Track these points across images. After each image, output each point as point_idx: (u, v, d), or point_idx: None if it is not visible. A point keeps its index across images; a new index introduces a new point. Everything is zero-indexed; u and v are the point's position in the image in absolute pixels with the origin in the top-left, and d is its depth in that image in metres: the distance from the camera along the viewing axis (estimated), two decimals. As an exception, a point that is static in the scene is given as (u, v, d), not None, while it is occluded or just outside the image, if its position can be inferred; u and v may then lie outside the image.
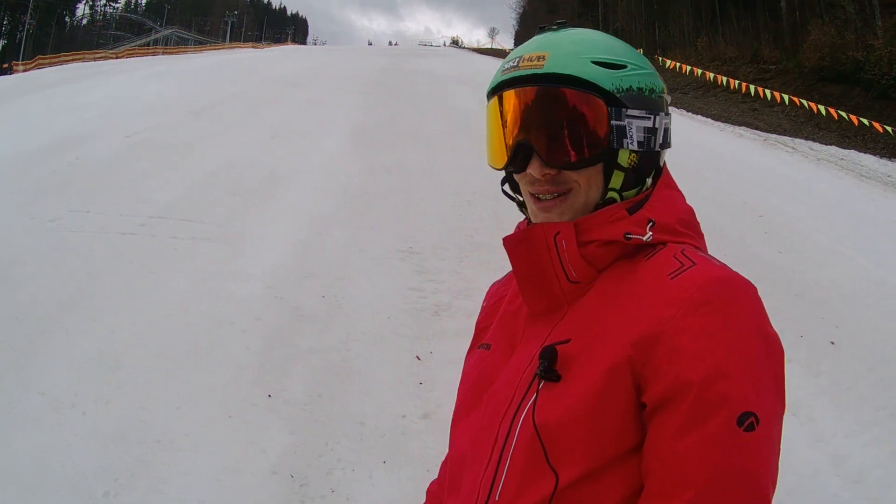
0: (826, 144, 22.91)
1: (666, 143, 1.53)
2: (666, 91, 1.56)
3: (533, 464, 1.29)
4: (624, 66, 1.45)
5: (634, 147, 1.45)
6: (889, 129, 20.86)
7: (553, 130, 1.42)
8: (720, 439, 1.16)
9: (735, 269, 1.33)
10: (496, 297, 1.80)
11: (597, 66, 1.42)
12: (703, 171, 13.36)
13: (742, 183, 12.96)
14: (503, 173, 1.62)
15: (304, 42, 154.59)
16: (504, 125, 1.50)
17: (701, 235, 1.54)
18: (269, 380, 5.38)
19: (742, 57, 43.41)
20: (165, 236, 7.92)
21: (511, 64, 1.49)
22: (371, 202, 9.66)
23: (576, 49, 1.44)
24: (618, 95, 1.42)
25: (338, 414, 5.05)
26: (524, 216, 1.64)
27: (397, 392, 5.34)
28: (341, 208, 9.38)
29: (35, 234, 7.77)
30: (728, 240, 8.64)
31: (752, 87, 26.31)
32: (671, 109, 1.55)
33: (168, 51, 67.90)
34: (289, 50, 57.02)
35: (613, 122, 1.42)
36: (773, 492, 1.20)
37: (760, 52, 42.71)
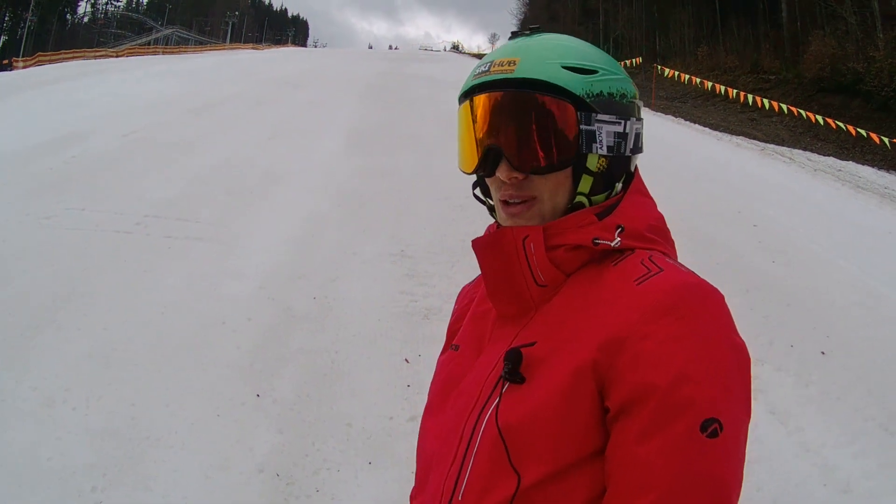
0: (824, 155, 22.96)
1: (637, 149, 1.54)
2: (638, 97, 1.57)
3: (496, 464, 1.30)
4: (595, 72, 1.46)
5: (604, 152, 1.46)
6: (886, 140, 20.87)
7: (521, 134, 1.44)
8: (683, 444, 1.16)
9: (727, 277, 1.35)
10: (466, 299, 1.82)
11: (567, 71, 1.43)
12: (700, 181, 13.37)
13: (738, 192, 12.96)
14: (465, 171, 1.62)
15: (304, 44, 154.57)
16: (474, 129, 1.51)
17: (671, 243, 1.55)
18: (259, 379, 5.40)
19: (742, 67, 43.59)
20: (160, 235, 7.94)
21: (483, 69, 1.51)
22: (365, 204, 9.67)
23: (547, 54, 1.45)
24: (588, 100, 1.44)
25: (325, 414, 5.06)
26: (494, 220, 1.65)
27: (385, 394, 5.35)
28: (335, 210, 9.40)
29: (30, 230, 7.78)
30: (722, 249, 8.65)
31: (751, 97, 26.30)
32: (672, 117, 1.56)
33: (168, 50, 67.93)
34: (289, 52, 57.05)
35: (583, 127, 1.43)
36: (737, 499, 1.21)
37: (760, 62, 42.88)
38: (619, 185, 1.54)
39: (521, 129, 1.44)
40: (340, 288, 7.02)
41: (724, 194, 12.46)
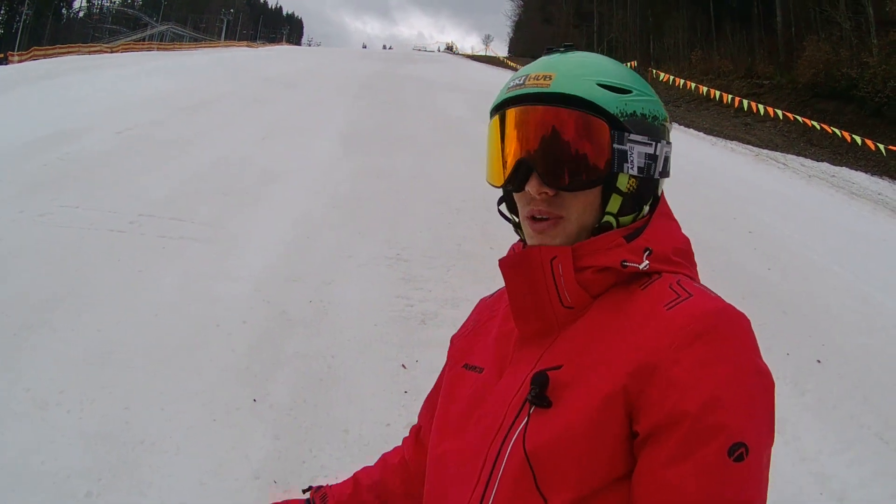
0: (818, 161, 23.03)
1: (665, 172, 1.53)
2: (669, 121, 1.56)
3: (522, 488, 1.28)
4: (629, 91, 1.46)
5: (634, 172, 1.45)
6: (881, 146, 20.92)
7: (554, 150, 1.42)
8: (712, 469, 1.16)
9: (724, 284, 1.35)
10: (484, 315, 1.78)
11: (602, 89, 1.42)
12: (694, 186, 13.39)
13: (732, 198, 13.01)
14: (493, 184, 1.60)
15: (298, 43, 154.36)
16: (506, 142, 1.49)
17: (695, 265, 1.55)
18: (255, 384, 5.37)
19: (736, 71, 43.63)
20: (155, 235, 7.90)
21: (517, 82, 1.49)
22: (360, 207, 9.67)
23: (582, 71, 1.44)
24: (621, 119, 1.43)
25: (322, 420, 5.03)
26: (518, 237, 1.64)
27: (382, 400, 5.32)
28: (331, 212, 9.39)
29: (25, 228, 7.74)
30: (717, 255, 8.67)
31: (744, 102, 26.34)
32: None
33: (163, 47, 67.75)
34: (283, 50, 57.04)
35: (616, 146, 1.42)
36: None
37: (754, 66, 42.93)
38: (646, 208, 1.54)
39: (555, 144, 1.42)
40: (336, 291, 7.00)
41: (718, 200, 12.51)
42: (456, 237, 8.52)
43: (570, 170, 1.42)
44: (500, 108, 1.52)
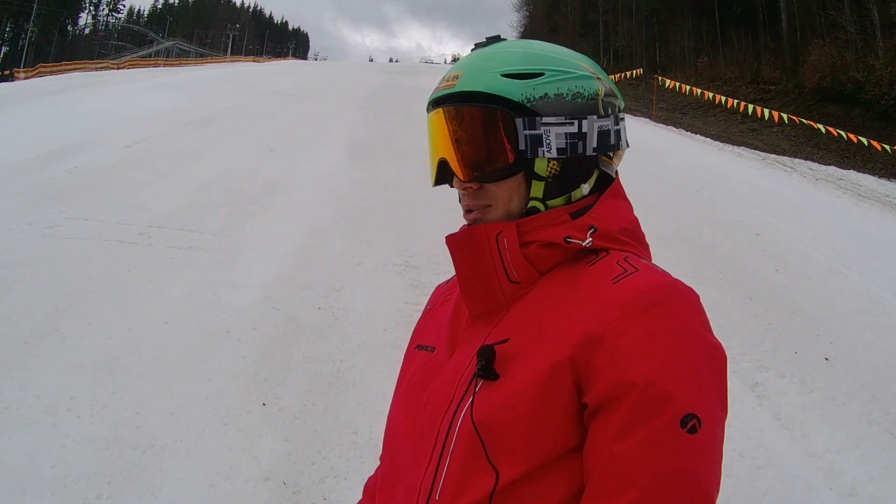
0: (825, 164, 22.97)
1: (605, 146, 1.53)
2: (603, 93, 1.55)
3: (473, 461, 1.30)
4: (541, 74, 1.48)
5: (553, 154, 1.47)
6: (888, 147, 20.85)
7: (461, 147, 1.49)
8: (663, 440, 1.17)
9: (731, 286, 1.36)
10: (440, 298, 1.87)
11: (506, 79, 1.46)
12: (701, 191, 13.40)
13: (739, 202, 12.98)
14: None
15: (304, 57, 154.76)
16: (430, 145, 1.59)
17: (645, 245, 1.57)
18: (264, 388, 5.38)
19: (742, 77, 43.59)
20: (163, 245, 7.93)
21: (436, 86, 1.57)
22: (367, 215, 9.70)
23: (487, 64, 1.49)
24: (529, 105, 1.45)
25: (331, 423, 5.04)
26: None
27: (390, 403, 5.29)
28: (338, 221, 9.40)
29: (33, 240, 7.77)
30: (725, 258, 8.66)
31: (751, 107, 26.26)
32: (673, 128, 1.56)
33: (169, 62, 68.16)
34: (290, 64, 57.19)
35: (526, 132, 1.44)
36: (717, 496, 1.21)
37: (761, 72, 42.87)
38: (585, 186, 1.55)
39: (459, 141, 1.49)
40: (344, 298, 7.01)
41: (725, 204, 12.49)
42: (462, 244, 8.52)
43: (479, 164, 1.47)
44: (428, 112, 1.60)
